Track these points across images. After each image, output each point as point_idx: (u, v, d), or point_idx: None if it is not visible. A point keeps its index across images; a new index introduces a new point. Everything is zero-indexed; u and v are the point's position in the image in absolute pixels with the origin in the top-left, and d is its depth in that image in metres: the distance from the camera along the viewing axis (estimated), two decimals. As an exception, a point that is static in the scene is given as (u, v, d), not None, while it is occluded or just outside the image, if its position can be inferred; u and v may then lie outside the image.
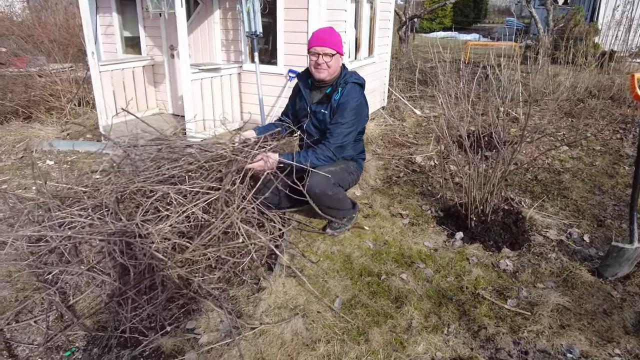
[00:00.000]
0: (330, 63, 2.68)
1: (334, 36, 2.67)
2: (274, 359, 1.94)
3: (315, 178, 2.57)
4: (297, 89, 2.94)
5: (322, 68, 2.70)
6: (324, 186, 2.61)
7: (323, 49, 2.65)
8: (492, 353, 2.02)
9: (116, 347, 2.11)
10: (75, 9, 10.01)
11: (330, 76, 2.74)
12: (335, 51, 2.66)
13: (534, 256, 2.76)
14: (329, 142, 2.65)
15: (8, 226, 3.26)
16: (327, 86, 2.76)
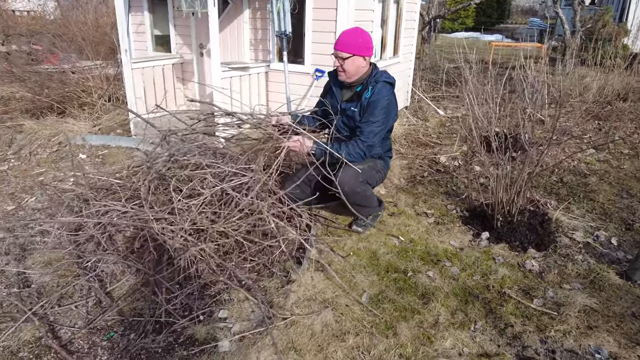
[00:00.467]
0: (345, 66, 2.71)
1: (350, 38, 2.68)
2: (305, 348, 2.01)
3: (344, 175, 2.63)
4: (328, 86, 2.99)
5: (339, 71, 2.76)
6: (353, 183, 2.67)
7: (337, 52, 2.71)
8: (519, 350, 2.05)
9: (152, 333, 2.21)
10: (105, 8, 10.28)
11: (350, 78, 2.77)
12: (348, 54, 2.68)
13: (560, 257, 2.77)
14: (360, 139, 2.70)
15: (47, 216, 3.41)
16: (357, 85, 2.80)
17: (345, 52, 2.65)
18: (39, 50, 9.03)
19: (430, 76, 8.08)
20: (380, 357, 1.98)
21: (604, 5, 11.68)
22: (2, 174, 4.21)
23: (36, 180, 4.06)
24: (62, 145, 4.82)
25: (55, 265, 2.74)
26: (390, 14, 4.96)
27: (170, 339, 2.18)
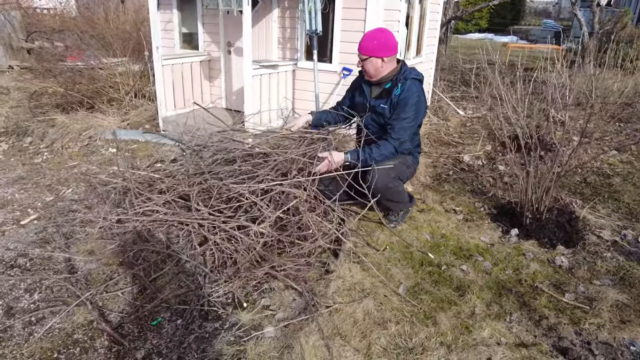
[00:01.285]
0: (364, 66, 2.82)
1: (367, 41, 2.77)
2: (349, 334, 2.10)
3: (377, 172, 2.72)
4: (357, 83, 3.08)
5: (363, 70, 2.87)
6: (386, 179, 2.75)
7: (358, 54, 2.82)
8: (555, 341, 2.12)
9: (198, 319, 2.31)
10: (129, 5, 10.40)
11: (372, 77, 2.86)
12: (366, 55, 2.78)
13: (589, 254, 2.84)
14: (391, 137, 2.78)
15: (85, 207, 3.53)
16: (386, 82, 2.88)
17: (362, 54, 2.76)
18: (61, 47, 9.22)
19: (448, 77, 8.13)
20: (422, 344, 2.06)
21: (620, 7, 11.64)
22: (37, 167, 4.34)
23: (74, 172, 4.18)
24: (92, 140, 4.95)
25: (99, 253, 2.86)
26: (415, 13, 5.04)
27: (216, 324, 2.28)
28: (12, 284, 2.59)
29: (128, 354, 2.10)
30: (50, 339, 2.18)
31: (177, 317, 2.34)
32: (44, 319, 2.32)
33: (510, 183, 3.89)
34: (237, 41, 5.08)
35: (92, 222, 3.23)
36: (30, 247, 2.97)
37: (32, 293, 2.52)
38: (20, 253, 2.89)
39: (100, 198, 3.64)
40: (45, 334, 2.20)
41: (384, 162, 2.77)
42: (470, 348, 2.05)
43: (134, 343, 2.17)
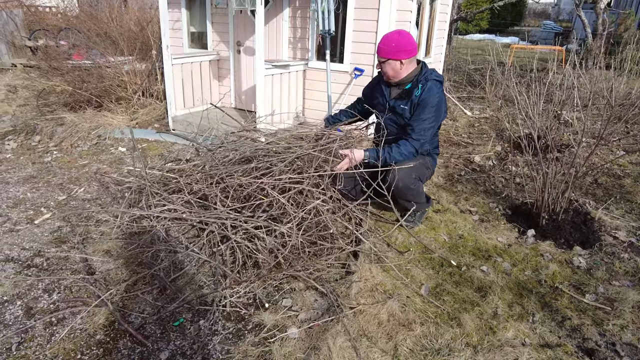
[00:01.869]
0: (383, 68, 2.81)
1: (385, 43, 2.76)
2: (375, 336, 2.10)
3: (399, 172, 2.72)
4: (376, 83, 3.07)
5: (382, 72, 2.87)
6: (407, 180, 2.75)
7: (377, 56, 2.83)
8: (580, 342, 2.13)
9: (220, 320, 2.31)
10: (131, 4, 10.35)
11: (391, 79, 2.86)
12: (384, 58, 2.77)
13: (606, 255, 2.85)
14: (412, 137, 2.78)
15: (98, 206, 3.52)
16: (406, 83, 2.88)
17: (381, 57, 2.76)
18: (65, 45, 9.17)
19: (453, 77, 8.15)
20: (448, 345, 2.06)
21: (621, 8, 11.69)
22: (48, 165, 4.32)
23: (84, 171, 4.16)
24: (101, 138, 4.93)
25: (116, 253, 2.85)
26: (425, 14, 5.04)
27: (239, 325, 2.27)
28: (30, 284, 2.58)
29: (152, 355, 2.09)
30: (72, 339, 2.17)
31: (199, 318, 2.33)
32: (65, 319, 2.31)
33: (523, 184, 3.90)
34: (247, 41, 5.07)
35: (107, 221, 3.22)
36: (45, 246, 2.95)
37: (50, 293, 2.50)
38: (36, 252, 2.88)
39: (114, 197, 3.63)
40: (67, 334, 2.19)
41: (404, 162, 2.77)
42: (496, 349, 2.05)
43: (157, 344, 2.16)
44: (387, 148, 2.79)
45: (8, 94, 5.92)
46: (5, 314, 2.35)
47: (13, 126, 5.04)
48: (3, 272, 2.67)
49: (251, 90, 5.22)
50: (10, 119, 5.40)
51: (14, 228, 3.18)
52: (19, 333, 2.20)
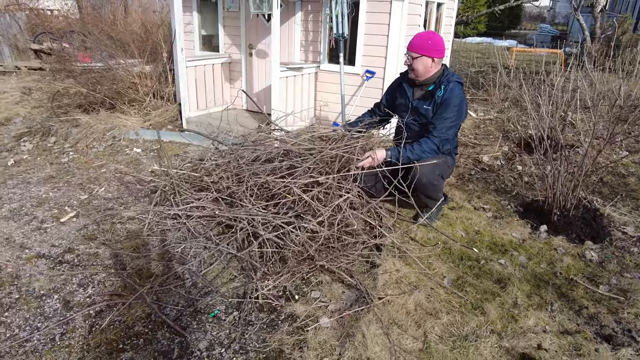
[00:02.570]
0: (414, 65, 2.91)
1: (421, 40, 2.87)
2: (405, 324, 2.21)
3: (423, 168, 2.83)
4: (398, 85, 3.18)
5: (409, 69, 2.97)
6: (431, 176, 2.87)
7: (409, 52, 2.92)
8: (597, 329, 2.25)
9: (254, 311, 2.40)
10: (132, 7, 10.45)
11: (419, 77, 2.97)
12: (418, 54, 2.88)
13: (616, 249, 2.97)
14: (432, 134, 2.90)
15: (119, 205, 3.60)
16: (429, 84, 3.00)
17: (415, 52, 2.86)
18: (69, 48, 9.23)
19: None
20: (474, 332, 2.18)
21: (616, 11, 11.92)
22: (65, 166, 4.40)
23: (102, 171, 4.25)
24: (116, 139, 5.02)
25: (144, 249, 2.94)
26: (432, 18, 5.18)
27: (272, 316, 2.37)
28: (64, 279, 2.66)
29: (191, 345, 2.18)
30: (112, 331, 2.25)
31: (233, 310, 2.42)
32: (102, 312, 2.39)
33: (531, 182, 4.03)
34: (259, 44, 5.18)
35: (133, 219, 3.31)
36: (74, 243, 3.04)
37: (85, 287, 2.59)
38: (66, 249, 2.96)
39: (135, 196, 3.71)
40: (106, 326, 2.27)
41: (427, 160, 2.88)
42: (520, 335, 2.17)
43: (195, 334, 2.25)
44: (408, 146, 2.89)
45: (23, 95, 5.98)
46: (44, 307, 2.43)
47: (28, 128, 5.12)
48: (37, 268, 2.76)
49: (263, 92, 5.32)
50: (22, 121, 5.47)
51: (41, 226, 3.26)
52: (60, 325, 2.29)
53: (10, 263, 2.81)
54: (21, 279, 2.66)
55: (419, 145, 2.88)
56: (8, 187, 3.91)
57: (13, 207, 3.54)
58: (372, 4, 4.28)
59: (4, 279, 2.65)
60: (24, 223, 3.30)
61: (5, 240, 3.05)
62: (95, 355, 2.10)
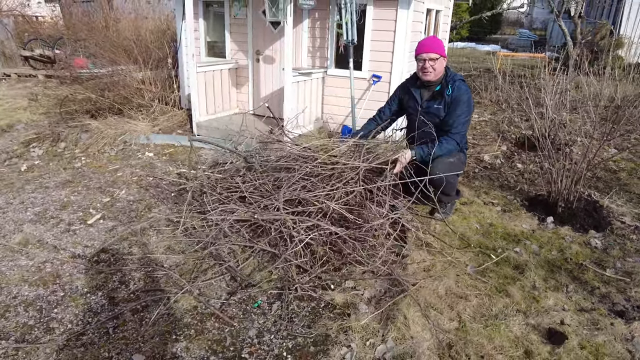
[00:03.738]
0: (435, 66, 3.13)
1: (437, 42, 3.12)
2: (439, 307, 2.40)
3: (441, 167, 3.04)
4: (405, 89, 3.38)
5: (428, 71, 3.16)
6: (449, 175, 3.08)
7: (428, 55, 3.12)
8: (610, 306, 2.48)
9: (294, 301, 2.55)
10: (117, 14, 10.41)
11: (436, 77, 3.19)
12: (439, 55, 3.12)
13: (617, 237, 3.24)
14: (451, 132, 3.11)
15: (145, 207, 3.70)
16: (435, 85, 3.21)
17: (436, 54, 3.08)
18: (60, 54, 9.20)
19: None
20: (503, 312, 2.38)
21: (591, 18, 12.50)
22: (80, 171, 4.46)
23: (118, 175, 4.33)
24: (127, 144, 5.09)
25: (178, 248, 3.06)
26: (432, 24, 5.44)
27: (312, 304, 2.53)
28: (104, 277, 2.76)
29: (241, 333, 2.32)
30: (163, 323, 2.37)
31: (274, 300, 2.57)
32: (148, 306, 2.51)
33: (531, 178, 4.30)
34: (266, 50, 5.34)
35: (159, 221, 3.42)
36: (106, 244, 3.13)
37: (127, 284, 2.70)
38: (99, 249, 3.06)
39: (158, 198, 3.82)
40: (156, 319, 2.39)
41: (444, 159, 3.09)
42: (543, 313, 2.38)
43: (243, 323, 2.39)
44: (430, 145, 3.10)
45: (30, 102, 5.98)
46: (90, 303, 2.53)
47: (37, 134, 5.15)
48: (75, 268, 2.85)
49: (270, 96, 5.48)
50: (24, 127, 5.49)
51: (69, 228, 3.35)
52: (111, 319, 2.40)
53: (49, 263, 2.89)
54: (62, 278, 2.75)
55: (440, 144, 3.08)
56: (27, 191, 3.96)
57: (37, 211, 3.61)
58: (379, 11, 4.50)
59: (46, 279, 2.74)
60: (51, 226, 3.38)
61: (38, 242, 3.13)
62: (152, 345, 2.22)
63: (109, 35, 8.05)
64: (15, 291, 2.62)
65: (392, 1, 4.38)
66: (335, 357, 2.14)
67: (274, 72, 5.35)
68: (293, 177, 2.94)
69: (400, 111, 3.48)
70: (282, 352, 2.20)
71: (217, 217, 3.07)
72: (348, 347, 2.20)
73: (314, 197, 2.86)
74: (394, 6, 4.39)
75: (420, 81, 3.24)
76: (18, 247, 3.07)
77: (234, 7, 5.30)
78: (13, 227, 3.35)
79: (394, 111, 3.53)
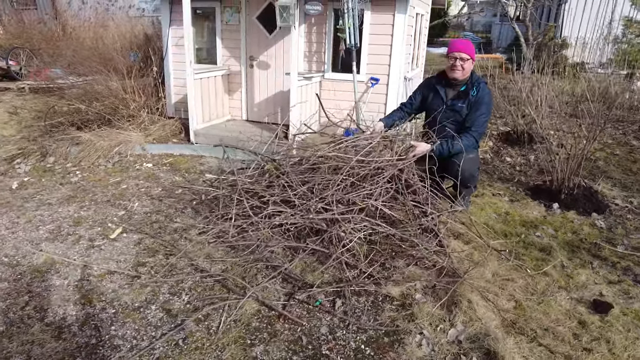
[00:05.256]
0: (465, 65, 3.35)
1: (469, 45, 3.35)
2: (490, 289, 2.59)
3: (465, 163, 3.25)
4: (430, 86, 3.57)
5: (457, 69, 3.37)
6: (473, 169, 3.30)
7: (460, 54, 3.34)
8: (634, 277, 2.79)
9: (353, 296, 2.64)
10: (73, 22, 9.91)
11: (463, 76, 3.41)
12: (469, 56, 3.35)
13: (617, 218, 3.61)
14: (472, 130, 3.33)
15: (165, 218, 3.62)
16: (460, 85, 3.43)
17: (467, 55, 3.29)
18: (14, 65, 8.61)
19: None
20: (547, 289, 2.61)
21: (531, 21, 13.52)
22: (79, 185, 4.27)
23: (122, 188, 4.18)
24: (122, 156, 4.91)
25: (220, 255, 3.04)
26: (417, 28, 5.71)
27: (371, 298, 2.63)
28: (150, 290, 2.70)
29: (313, 330, 2.38)
30: (234, 329, 2.36)
31: (333, 297, 2.64)
32: (210, 315, 2.49)
33: (524, 170, 4.66)
34: (260, 55, 5.35)
35: (186, 230, 3.37)
36: (139, 257, 3.05)
37: (179, 295, 2.66)
38: (135, 263, 2.98)
39: (175, 208, 3.74)
40: (225, 326, 2.38)
41: (467, 155, 3.30)
42: (581, 288, 2.64)
43: (311, 322, 2.44)
44: (449, 141, 3.30)
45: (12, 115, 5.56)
46: (147, 317, 2.48)
47: (20, 149, 4.84)
48: (114, 283, 2.76)
49: (265, 102, 5.50)
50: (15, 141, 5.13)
51: (93, 244, 3.22)
52: (177, 331, 2.36)
53: (85, 281, 2.78)
54: (106, 295, 2.66)
55: (459, 140, 3.30)
56: (30, 209, 3.74)
57: (50, 229, 3.43)
58: (377, 16, 4.69)
59: (90, 297, 2.64)
60: (71, 243, 3.23)
61: (63, 261, 2.99)
62: (231, 352, 2.22)
63: (72, 44, 7.69)
64: (61, 312, 2.51)
65: (390, 7, 4.58)
66: (412, 345, 2.26)
67: (269, 78, 5.38)
68: (335, 179, 3.02)
69: (421, 107, 3.66)
70: (359, 345, 2.28)
71: (261, 221, 3.08)
72: (420, 334, 2.33)
73: (358, 196, 2.96)
74: (391, 11, 4.59)
75: (447, 80, 3.44)
76: (45, 268, 2.93)
77: (225, 13, 5.28)
78: (30, 247, 3.16)
79: (415, 107, 3.70)
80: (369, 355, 2.22)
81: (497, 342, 2.16)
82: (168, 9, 5.43)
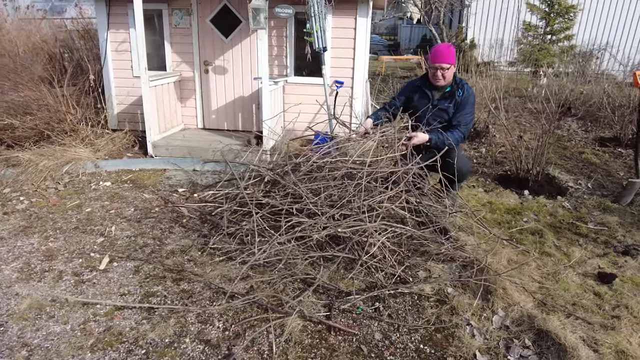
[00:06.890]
0: (446, 74, 3.55)
1: (451, 52, 3.54)
2: (512, 274, 2.78)
3: (461, 159, 3.44)
4: (417, 88, 3.70)
5: (439, 79, 3.56)
6: (469, 166, 3.52)
7: (440, 65, 3.52)
8: (615, 248, 3.20)
9: (389, 299, 2.66)
10: None
11: (445, 82, 3.61)
12: (450, 65, 3.55)
13: (576, 199, 4.10)
14: (460, 126, 3.53)
15: (152, 239, 3.30)
16: (445, 87, 3.62)
17: (447, 64, 3.46)
18: None
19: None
20: (556, 269, 2.89)
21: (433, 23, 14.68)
22: (31, 213, 3.69)
23: (87, 211, 3.70)
24: (72, 176, 4.34)
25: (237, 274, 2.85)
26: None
27: (406, 298, 2.68)
28: (175, 322, 2.46)
29: (367, 337, 2.36)
30: (289, 350, 2.25)
31: (371, 302, 2.63)
32: (255, 339, 2.34)
33: (482, 162, 5.06)
34: (216, 60, 5.08)
35: (184, 252, 3.12)
36: (144, 286, 2.76)
37: (211, 323, 2.46)
38: (143, 294, 2.68)
39: (161, 230, 3.42)
40: (277, 348, 2.26)
41: (460, 152, 3.50)
42: (583, 263, 2.97)
43: (362, 330, 2.42)
44: (443, 133, 3.46)
45: None
46: (186, 352, 2.25)
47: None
48: (128, 320, 2.47)
49: (224, 108, 5.23)
50: None
51: (81, 279, 2.83)
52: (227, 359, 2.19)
53: (92, 322, 2.44)
54: (126, 335, 2.36)
55: (451, 133, 3.47)
56: (-23, 248, 3.15)
57: (17, 267, 2.93)
58: (339, 19, 4.73)
59: (107, 339, 2.32)
60: (53, 280, 2.80)
61: (52, 302, 2.58)
62: (296, 373, 2.12)
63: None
64: (79, 362, 2.17)
65: (352, 10, 4.66)
66: (466, 337, 2.35)
67: (227, 83, 5.14)
68: (350, 185, 3.02)
69: (405, 108, 3.79)
70: (418, 345, 2.32)
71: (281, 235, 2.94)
72: (468, 325, 2.43)
73: (373, 202, 2.98)
74: (353, 15, 4.67)
75: (431, 82, 3.59)
76: (33, 314, 2.50)
77: (174, 15, 4.92)
78: (2, 292, 2.67)
79: (399, 106, 3.80)
80: (431, 353, 2.26)
81: (546, 321, 2.34)
82: (105, 12, 4.90)
